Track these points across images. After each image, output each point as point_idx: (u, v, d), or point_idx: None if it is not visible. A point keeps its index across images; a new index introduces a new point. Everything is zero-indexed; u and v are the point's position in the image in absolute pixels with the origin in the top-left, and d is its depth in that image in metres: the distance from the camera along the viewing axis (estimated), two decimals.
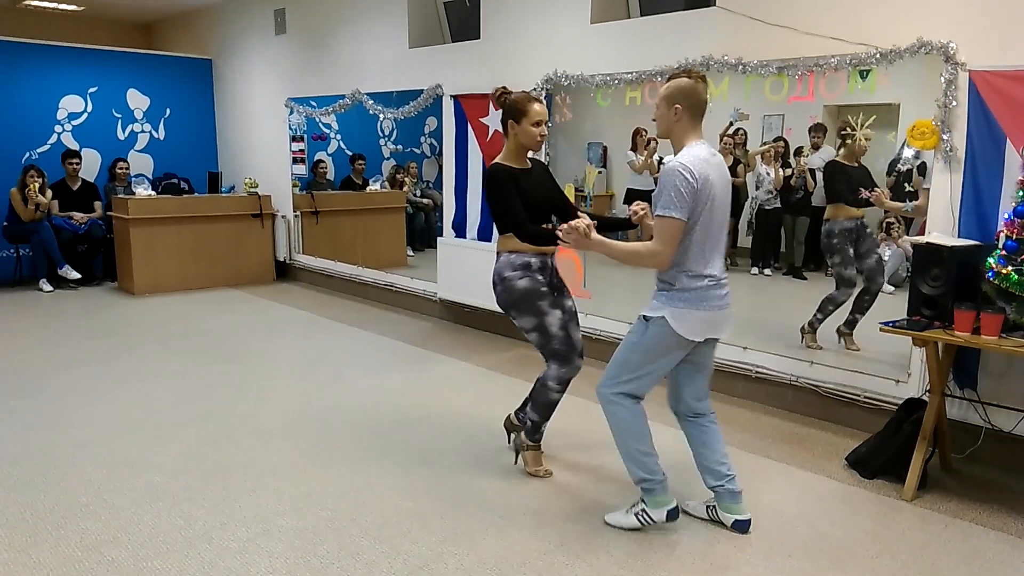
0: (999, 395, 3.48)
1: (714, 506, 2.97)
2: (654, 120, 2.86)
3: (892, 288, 5.55)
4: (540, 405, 3.30)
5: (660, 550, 2.78)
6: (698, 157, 2.65)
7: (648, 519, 2.86)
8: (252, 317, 6.61)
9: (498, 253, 3.24)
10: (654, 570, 2.64)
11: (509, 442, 3.63)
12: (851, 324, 4.79)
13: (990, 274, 3.09)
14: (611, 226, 3.33)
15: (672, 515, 2.86)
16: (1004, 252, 3.07)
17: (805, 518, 3.05)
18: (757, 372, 4.40)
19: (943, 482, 3.41)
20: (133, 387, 4.55)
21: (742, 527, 2.90)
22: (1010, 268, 3.03)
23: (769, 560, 2.72)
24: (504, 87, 3.30)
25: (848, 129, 4.71)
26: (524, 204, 3.09)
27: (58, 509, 3.01)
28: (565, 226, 2.74)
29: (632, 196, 6.86)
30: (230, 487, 3.22)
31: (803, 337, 4.82)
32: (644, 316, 2.80)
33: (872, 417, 3.87)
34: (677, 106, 2.72)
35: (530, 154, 3.27)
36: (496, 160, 3.21)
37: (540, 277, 3.17)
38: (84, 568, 2.60)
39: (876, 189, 4.57)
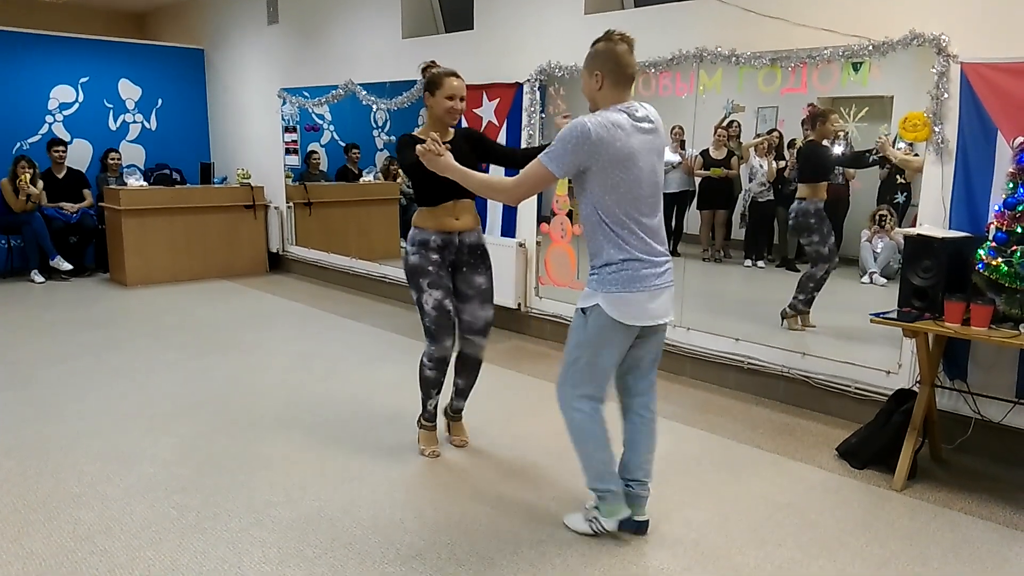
0: (988, 386, 3.50)
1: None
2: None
3: (884, 280, 5.57)
4: (420, 381, 3.43)
5: (651, 539, 2.80)
6: (608, 119, 2.49)
7: (600, 527, 2.75)
8: (245, 309, 6.59)
9: (412, 226, 3.33)
10: (646, 559, 2.66)
11: (448, 435, 3.68)
12: (807, 303, 4.96)
13: (980, 266, 3.11)
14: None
15: (626, 524, 2.74)
16: (994, 244, 3.08)
17: (795, 508, 3.07)
18: (749, 363, 4.42)
19: (932, 472, 3.44)
20: (125, 379, 4.54)
21: (641, 529, 2.80)
22: (1000, 260, 3.05)
23: (760, 549, 2.74)
24: (433, 61, 3.36)
25: (820, 111, 4.90)
26: (431, 175, 2.95)
27: (51, 500, 3.01)
28: (420, 148, 2.77)
29: None
30: (223, 478, 3.23)
31: (783, 320, 4.90)
32: (580, 309, 2.65)
33: (863, 408, 3.89)
34: (597, 72, 2.58)
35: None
36: (407, 133, 3.28)
37: (435, 256, 3.26)
38: (77, 558, 2.60)
39: (881, 139, 4.65)
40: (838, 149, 5.04)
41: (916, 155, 4.43)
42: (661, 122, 2.67)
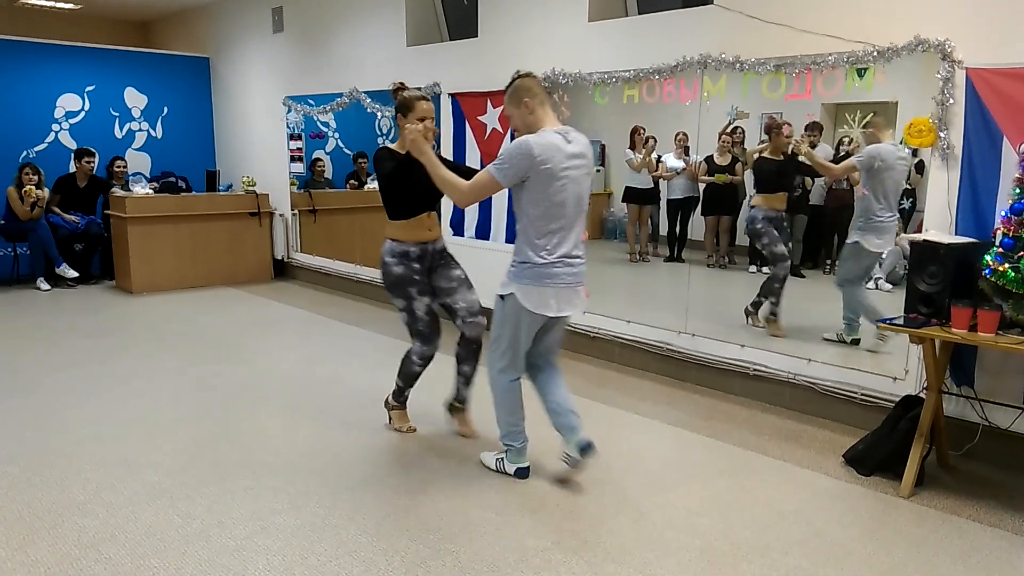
0: (996, 392, 3.49)
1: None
2: (515, 131, 3.16)
3: (890, 286, 5.56)
4: (404, 374, 3.74)
5: (655, 547, 2.78)
6: (548, 140, 2.95)
7: (503, 468, 3.34)
8: (250, 316, 6.60)
9: (385, 238, 3.60)
10: (650, 567, 2.65)
11: (456, 426, 3.87)
12: (756, 306, 5.17)
13: (987, 271, 3.10)
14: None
15: (520, 473, 3.30)
16: (1001, 249, 3.07)
17: (802, 515, 3.05)
18: (755, 370, 4.41)
19: (940, 479, 3.42)
20: (131, 386, 4.55)
21: (587, 451, 3.19)
22: (1007, 265, 3.04)
23: (765, 557, 2.73)
24: (402, 82, 3.61)
25: (777, 124, 5.19)
26: (410, 188, 3.42)
27: (56, 507, 3.01)
28: (410, 127, 3.18)
29: (631, 194, 6.86)
30: (227, 485, 3.22)
31: (748, 318, 5.12)
32: (499, 295, 3.13)
33: (869, 414, 3.87)
34: (526, 100, 3.02)
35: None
36: (384, 146, 3.51)
37: (416, 265, 3.54)
38: (82, 566, 2.60)
39: (800, 140, 5.03)
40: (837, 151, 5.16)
41: (839, 159, 4.96)
42: (590, 149, 3.14)
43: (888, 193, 4.60)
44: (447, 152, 6.23)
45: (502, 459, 3.35)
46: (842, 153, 5.49)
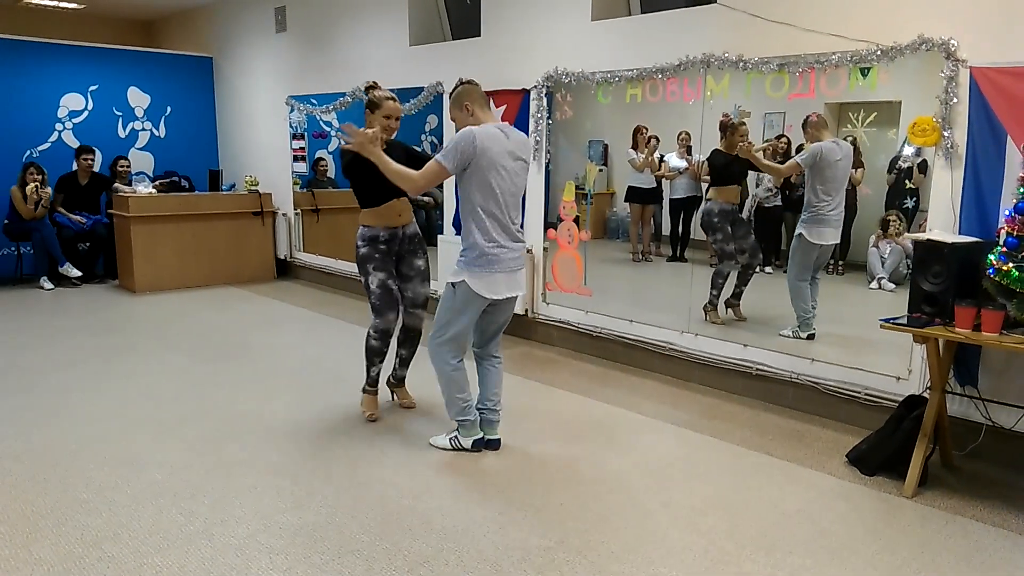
0: (1000, 392, 3.48)
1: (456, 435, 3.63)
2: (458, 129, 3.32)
3: (893, 285, 5.54)
4: (365, 350, 4.00)
5: (659, 546, 2.78)
6: (488, 131, 3.21)
7: (459, 444, 3.57)
8: (253, 315, 6.61)
9: (359, 224, 3.89)
10: (654, 566, 2.64)
11: (397, 399, 4.25)
12: (737, 296, 5.38)
13: (991, 271, 3.08)
14: None
15: (477, 444, 3.56)
16: (1005, 249, 3.06)
17: (806, 515, 3.05)
18: (757, 369, 4.40)
19: (944, 479, 3.41)
20: (134, 385, 4.55)
21: (493, 445, 3.60)
22: (1011, 265, 3.02)
23: (769, 556, 2.72)
24: (375, 82, 3.92)
25: (731, 123, 5.26)
26: (370, 178, 3.55)
27: (59, 506, 3.02)
28: (351, 127, 3.36)
29: (633, 194, 6.85)
30: (231, 484, 3.23)
31: (706, 315, 5.21)
32: (450, 283, 3.36)
33: (873, 414, 3.87)
34: (467, 104, 3.34)
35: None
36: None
37: (383, 247, 3.86)
38: (85, 564, 2.60)
39: (748, 142, 5.16)
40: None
41: (781, 161, 5.14)
42: (529, 148, 3.46)
43: (831, 188, 4.74)
44: None
45: (455, 437, 3.58)
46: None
